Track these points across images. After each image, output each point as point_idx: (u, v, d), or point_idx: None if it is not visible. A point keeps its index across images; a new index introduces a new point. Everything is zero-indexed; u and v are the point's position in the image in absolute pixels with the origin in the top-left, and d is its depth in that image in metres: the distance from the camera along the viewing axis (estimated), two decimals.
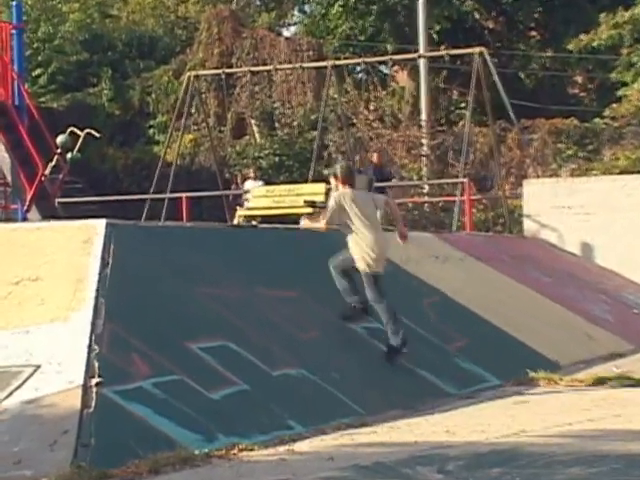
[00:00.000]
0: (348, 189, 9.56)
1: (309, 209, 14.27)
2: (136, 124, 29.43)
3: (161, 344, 7.63)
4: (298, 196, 15.56)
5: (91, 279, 7.72)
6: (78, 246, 8.07)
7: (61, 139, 15.55)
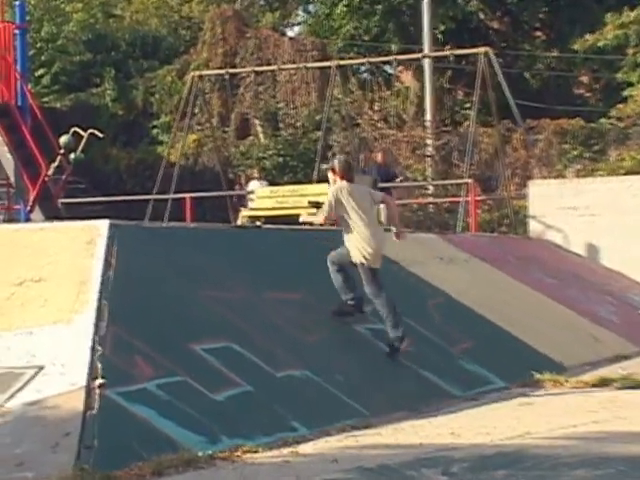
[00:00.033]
0: (346, 183, 9.54)
1: (313, 210, 14.25)
2: (139, 124, 29.40)
3: (164, 345, 7.62)
4: (302, 197, 15.51)
5: (94, 280, 7.71)
6: (81, 247, 8.06)
7: (64, 139, 15.53)
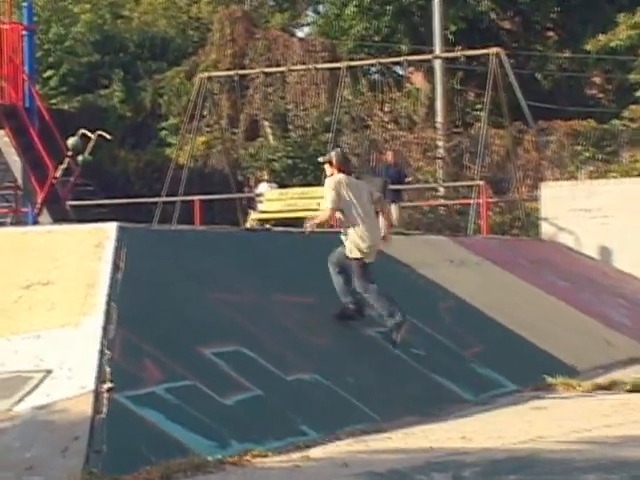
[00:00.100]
0: (343, 176, 9.49)
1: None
2: (148, 126, 29.40)
3: (173, 349, 7.59)
4: (312, 199, 15.48)
5: (102, 283, 7.70)
6: (89, 250, 8.06)
7: (72, 141, 15.51)
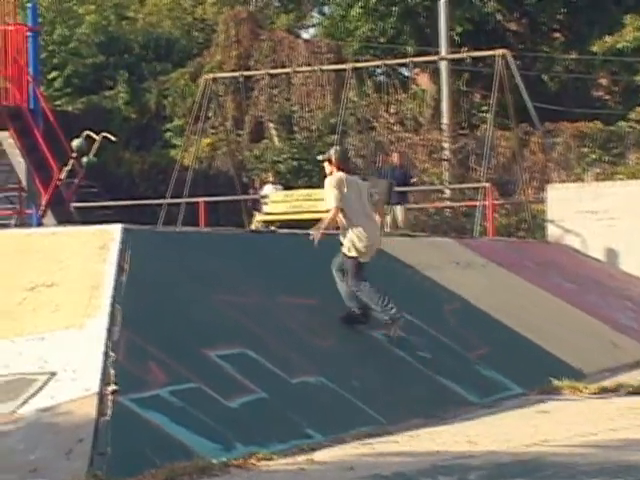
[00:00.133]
0: (343, 174, 9.44)
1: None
2: (152, 128, 29.38)
3: (178, 351, 7.57)
4: (317, 201, 15.42)
5: (107, 285, 7.69)
6: (94, 252, 8.05)
7: (77, 143, 15.49)
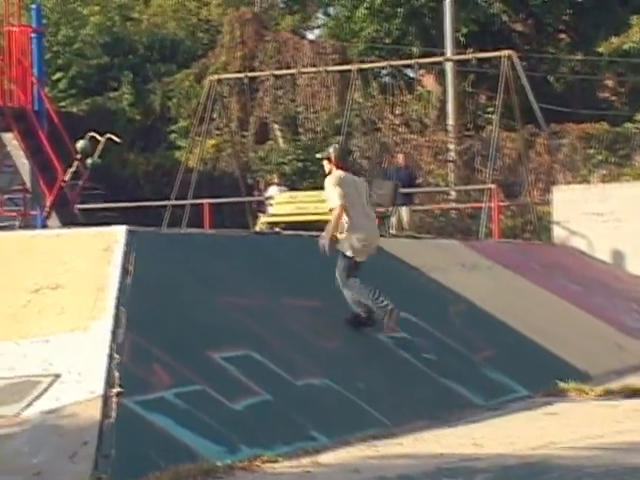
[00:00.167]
0: (343, 172, 9.42)
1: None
2: (157, 129, 29.38)
3: (183, 353, 7.56)
4: (322, 202, 15.37)
5: (111, 287, 7.67)
6: (98, 254, 8.04)
7: (81, 144, 15.51)
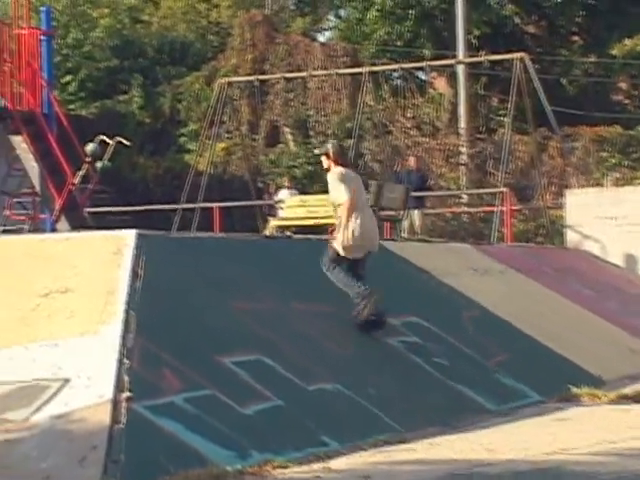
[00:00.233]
0: (343, 168, 9.38)
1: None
2: (167, 132, 29.37)
3: (193, 358, 7.52)
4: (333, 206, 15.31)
5: (121, 291, 7.65)
6: (108, 257, 8.01)
7: (91, 148, 15.52)
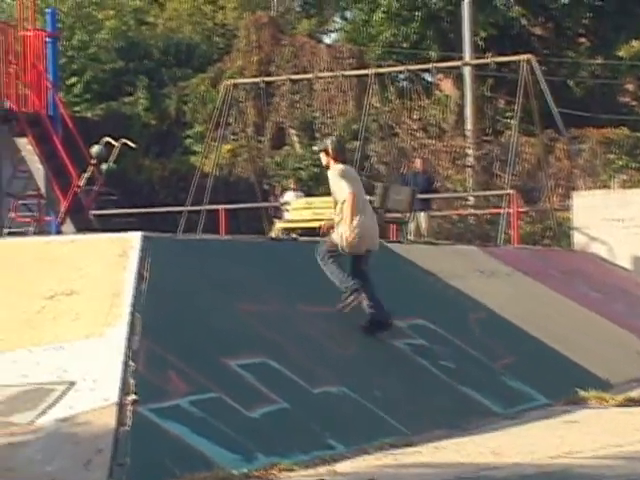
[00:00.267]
0: (343, 165, 9.33)
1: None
2: (173, 134, 29.35)
3: (198, 361, 7.51)
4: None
5: (127, 293, 7.63)
6: (113, 260, 8.00)
7: (96, 149, 15.53)
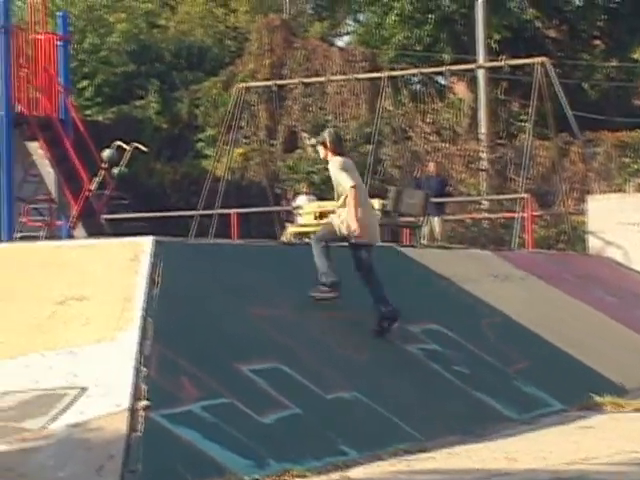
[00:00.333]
0: (342, 158, 9.28)
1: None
2: (184, 138, 29.35)
3: (210, 366, 7.49)
4: None
5: (138, 298, 7.62)
6: (125, 264, 8.00)
7: (107, 153, 15.55)
